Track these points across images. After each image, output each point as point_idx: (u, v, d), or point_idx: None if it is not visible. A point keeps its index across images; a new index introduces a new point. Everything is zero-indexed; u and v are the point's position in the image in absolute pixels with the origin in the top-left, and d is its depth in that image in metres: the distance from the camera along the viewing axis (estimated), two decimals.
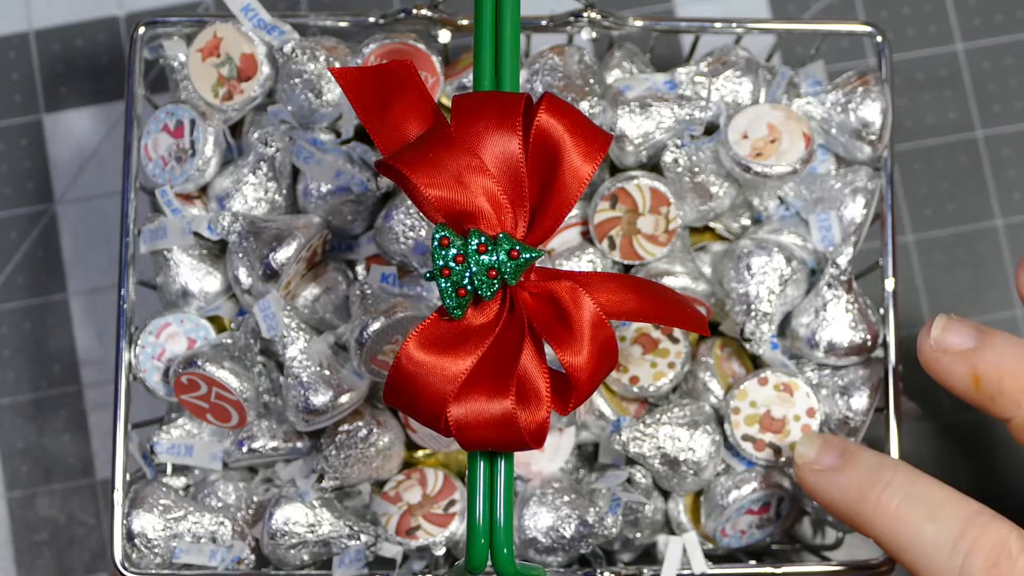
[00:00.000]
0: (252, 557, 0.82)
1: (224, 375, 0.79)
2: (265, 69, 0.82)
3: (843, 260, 0.80)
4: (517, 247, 0.64)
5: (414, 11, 0.82)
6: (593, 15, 0.83)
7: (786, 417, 0.81)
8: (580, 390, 0.65)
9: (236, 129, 0.84)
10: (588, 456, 0.85)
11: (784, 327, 0.82)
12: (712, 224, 0.84)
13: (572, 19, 0.83)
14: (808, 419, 0.81)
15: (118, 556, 0.80)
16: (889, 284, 0.82)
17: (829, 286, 0.80)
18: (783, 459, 0.81)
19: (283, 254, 0.79)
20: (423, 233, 0.80)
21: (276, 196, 0.82)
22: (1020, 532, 0.71)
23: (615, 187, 0.81)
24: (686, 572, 0.81)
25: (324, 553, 0.81)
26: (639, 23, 0.84)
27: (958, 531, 0.71)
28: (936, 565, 0.72)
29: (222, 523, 0.81)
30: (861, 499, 0.73)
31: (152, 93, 0.88)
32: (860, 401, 0.81)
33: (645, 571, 0.81)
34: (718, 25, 0.84)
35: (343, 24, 0.84)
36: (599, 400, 0.82)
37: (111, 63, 0.96)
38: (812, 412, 0.81)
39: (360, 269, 0.83)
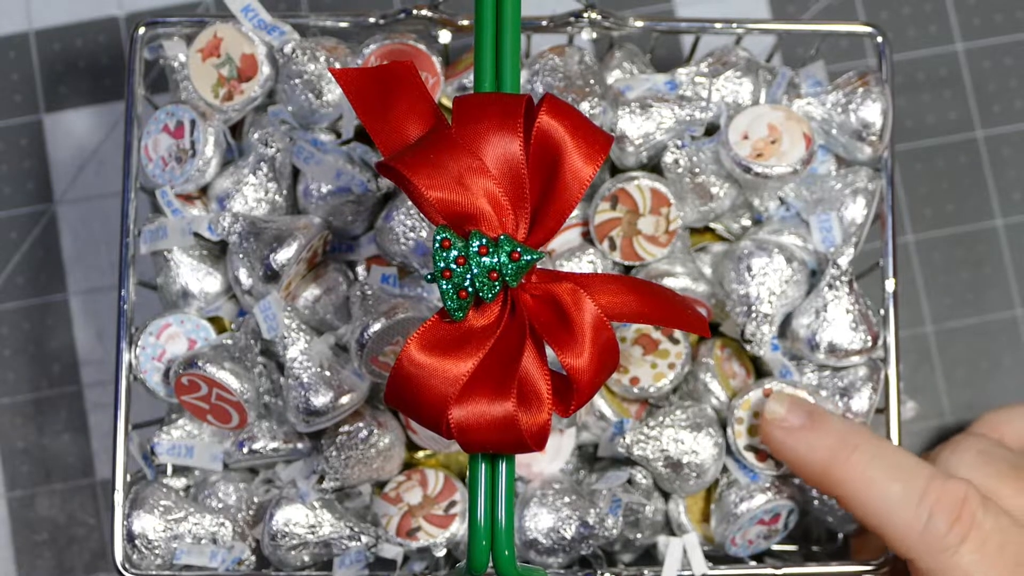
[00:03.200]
0: (253, 558, 0.82)
1: (224, 376, 0.79)
2: (265, 69, 0.82)
3: (844, 261, 0.80)
4: (518, 249, 0.64)
5: (414, 11, 0.82)
6: (593, 15, 0.82)
7: None
8: (581, 392, 0.65)
9: (236, 129, 0.84)
10: (589, 457, 0.84)
11: (785, 328, 0.82)
12: (712, 225, 0.84)
13: (572, 19, 0.83)
14: None
15: (119, 557, 0.80)
16: (889, 285, 0.82)
17: (830, 287, 0.80)
18: (784, 470, 0.81)
19: (283, 255, 0.79)
20: (424, 234, 0.80)
21: (276, 197, 0.82)
22: (975, 488, 0.76)
23: (616, 188, 0.81)
24: (686, 573, 0.81)
25: (325, 554, 0.81)
26: (639, 23, 0.84)
27: (922, 489, 0.76)
28: (903, 520, 0.76)
29: (223, 524, 0.81)
30: (831, 458, 0.77)
31: (152, 93, 0.88)
32: (860, 402, 0.81)
33: (645, 572, 0.81)
34: (718, 25, 0.84)
35: (343, 24, 0.84)
36: (600, 401, 0.82)
37: (111, 63, 0.96)
38: None
39: (360, 270, 0.83)
